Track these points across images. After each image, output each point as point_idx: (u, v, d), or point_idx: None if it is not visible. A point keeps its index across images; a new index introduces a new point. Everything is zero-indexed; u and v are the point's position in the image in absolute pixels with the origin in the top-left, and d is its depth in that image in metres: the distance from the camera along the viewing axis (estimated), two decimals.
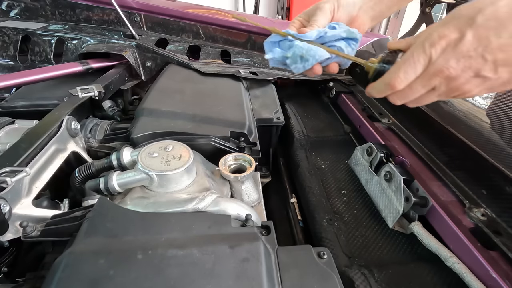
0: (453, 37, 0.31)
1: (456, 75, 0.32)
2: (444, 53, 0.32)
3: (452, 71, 0.32)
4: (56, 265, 0.35)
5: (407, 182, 0.54)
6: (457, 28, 0.31)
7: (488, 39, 0.30)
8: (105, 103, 0.84)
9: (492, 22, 0.30)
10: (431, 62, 0.33)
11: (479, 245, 0.43)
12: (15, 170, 0.45)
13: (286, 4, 3.61)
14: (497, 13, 0.30)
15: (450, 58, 0.31)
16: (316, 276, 0.38)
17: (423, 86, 0.35)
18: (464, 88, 0.33)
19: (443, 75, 0.32)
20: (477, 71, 0.31)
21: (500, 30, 0.29)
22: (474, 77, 0.32)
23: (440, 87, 0.34)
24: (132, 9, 1.14)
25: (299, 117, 0.91)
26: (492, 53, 0.30)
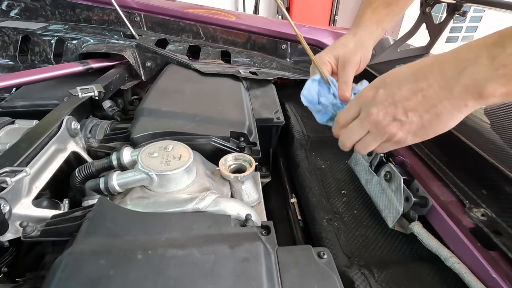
0: (371, 94, 0.42)
1: (378, 119, 0.41)
2: (368, 104, 0.42)
3: (375, 116, 0.41)
4: (56, 265, 0.35)
5: (407, 182, 0.54)
6: (375, 87, 0.42)
7: (393, 91, 0.40)
8: (105, 103, 0.84)
9: (395, 80, 0.40)
10: (361, 110, 0.44)
11: (479, 245, 0.43)
12: (15, 170, 0.45)
13: (286, 4, 3.61)
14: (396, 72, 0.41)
15: (372, 107, 0.42)
16: (316, 276, 0.38)
17: (359, 127, 0.44)
18: (390, 131, 0.41)
19: (370, 120, 0.42)
20: (393, 115, 0.40)
21: (400, 85, 0.40)
22: (393, 121, 0.40)
23: (373, 130, 0.43)
24: (132, 9, 1.14)
25: (299, 117, 0.92)
26: (400, 101, 0.39)
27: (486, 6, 0.77)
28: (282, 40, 1.16)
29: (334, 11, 3.58)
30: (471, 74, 0.33)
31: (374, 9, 0.60)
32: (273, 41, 1.16)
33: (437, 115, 0.37)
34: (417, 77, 0.38)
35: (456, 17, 0.87)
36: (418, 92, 0.38)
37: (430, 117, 0.38)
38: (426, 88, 0.37)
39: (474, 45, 0.34)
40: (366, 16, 0.60)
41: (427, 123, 0.39)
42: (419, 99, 0.38)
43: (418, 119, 0.39)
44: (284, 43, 1.16)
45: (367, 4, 0.61)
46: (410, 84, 0.39)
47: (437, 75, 0.36)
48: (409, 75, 0.39)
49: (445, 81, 0.36)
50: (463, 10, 0.86)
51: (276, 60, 1.14)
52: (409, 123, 0.39)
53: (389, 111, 0.40)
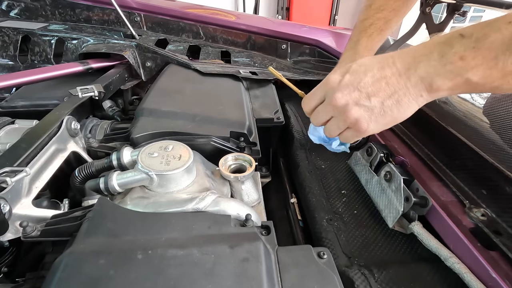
0: (337, 79, 0.44)
1: (341, 103, 0.42)
2: (332, 89, 0.44)
3: (338, 100, 0.42)
4: (56, 265, 0.35)
5: (407, 182, 0.54)
6: (341, 73, 0.44)
7: (359, 77, 0.41)
8: (105, 103, 0.84)
9: (362, 67, 0.42)
10: (326, 95, 0.46)
11: (479, 245, 0.43)
12: (15, 170, 0.45)
13: (286, 4, 3.61)
14: (363, 62, 0.43)
15: (336, 91, 0.43)
16: (316, 276, 0.38)
17: (324, 111, 0.46)
18: (352, 116, 0.42)
19: (333, 103, 0.43)
20: (356, 100, 0.41)
21: (366, 72, 0.41)
22: (356, 105, 0.42)
23: (337, 115, 0.44)
24: (132, 9, 1.14)
25: (299, 117, 0.91)
26: (363, 87, 0.41)
27: (486, 6, 0.77)
28: (282, 40, 1.16)
29: (334, 11, 3.59)
30: (424, 68, 0.37)
31: (369, 36, 0.64)
32: (273, 41, 1.16)
33: (397, 102, 0.40)
34: (383, 65, 0.41)
35: (456, 17, 0.87)
36: (382, 79, 0.40)
37: (391, 103, 0.40)
38: (389, 76, 0.40)
39: (430, 42, 0.38)
40: (362, 43, 0.64)
41: (388, 109, 0.41)
42: (383, 85, 0.40)
43: (380, 105, 0.41)
44: (284, 43, 1.16)
45: (362, 29, 0.65)
46: (376, 71, 0.41)
47: (399, 65, 0.39)
48: (375, 63, 0.41)
49: (404, 70, 0.39)
50: (463, 10, 0.86)
51: (276, 60, 1.14)
52: (371, 108, 0.41)
53: (353, 95, 0.42)
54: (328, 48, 1.12)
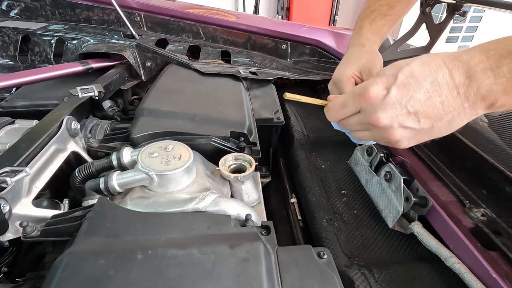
0: (380, 93, 0.37)
1: (384, 125, 0.37)
2: (373, 106, 0.37)
3: (381, 121, 0.37)
4: (56, 265, 0.35)
5: (407, 182, 0.54)
6: (384, 84, 0.37)
7: (409, 94, 0.35)
8: (105, 103, 0.84)
9: (412, 80, 0.35)
10: (363, 110, 0.39)
11: (479, 245, 0.43)
12: (15, 170, 0.45)
13: (286, 4, 3.61)
14: (413, 72, 0.35)
15: (379, 110, 0.37)
16: (316, 276, 0.38)
17: (358, 125, 0.41)
18: (394, 137, 0.38)
19: (373, 124, 0.38)
20: (402, 122, 0.36)
21: (417, 87, 0.35)
22: (400, 127, 0.37)
23: (373, 132, 0.40)
24: (132, 9, 1.14)
25: (299, 117, 0.91)
26: (413, 106, 0.35)
27: (486, 6, 0.77)
28: (282, 40, 1.16)
29: (334, 11, 3.58)
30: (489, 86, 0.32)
31: (372, 20, 0.62)
32: (273, 41, 1.16)
33: (449, 123, 0.35)
34: (436, 78, 0.34)
35: (456, 17, 0.87)
36: (436, 97, 0.34)
37: (441, 124, 0.35)
38: (445, 93, 0.34)
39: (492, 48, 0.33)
40: (365, 28, 0.62)
41: (436, 130, 0.36)
42: (437, 104, 0.34)
43: (429, 126, 0.36)
44: (284, 43, 1.16)
45: (364, 16, 0.63)
46: (429, 86, 0.34)
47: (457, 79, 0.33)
48: (428, 74, 0.35)
49: (464, 88, 0.33)
50: (463, 10, 0.86)
51: (276, 60, 1.14)
52: (419, 130, 0.36)
53: (400, 117, 0.36)
54: (328, 48, 1.12)
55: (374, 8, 0.63)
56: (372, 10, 0.63)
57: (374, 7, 0.63)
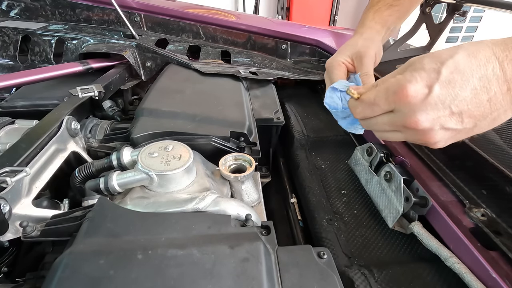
0: (420, 92, 0.32)
1: (423, 128, 0.33)
2: (412, 106, 0.33)
3: (420, 124, 0.33)
4: (56, 265, 0.35)
5: (407, 182, 0.54)
6: (425, 82, 0.32)
7: (454, 92, 0.31)
8: (105, 103, 0.84)
9: (458, 76, 0.31)
10: (398, 109, 0.34)
11: (479, 245, 0.43)
12: (15, 170, 0.45)
13: (286, 4, 3.61)
14: (458, 66, 0.31)
15: (418, 111, 0.32)
16: (316, 276, 0.38)
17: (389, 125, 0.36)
18: (433, 140, 0.34)
19: (410, 126, 0.34)
20: (444, 123, 0.33)
21: (464, 84, 0.31)
22: (441, 129, 0.33)
23: (408, 134, 0.36)
24: (132, 9, 1.14)
25: (299, 117, 0.91)
26: (458, 106, 0.31)
27: (486, 6, 0.77)
28: (282, 40, 1.16)
29: (334, 11, 3.58)
30: None
31: (376, 10, 0.60)
32: (273, 41, 1.16)
33: (493, 120, 0.32)
34: (486, 73, 0.30)
35: (456, 17, 0.87)
36: (484, 93, 0.30)
37: (485, 123, 0.32)
38: (494, 91, 0.30)
39: None
40: (369, 17, 0.60)
41: (477, 129, 0.33)
42: (484, 103, 0.31)
43: (472, 126, 0.32)
44: (284, 43, 1.16)
45: (369, 7, 0.62)
46: (476, 82, 0.30)
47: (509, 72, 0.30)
48: (475, 67, 0.31)
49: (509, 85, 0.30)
50: (463, 10, 0.86)
51: (276, 60, 1.14)
52: (460, 130, 0.33)
53: (442, 119, 0.32)
54: (328, 48, 1.12)
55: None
56: (377, 1, 0.61)
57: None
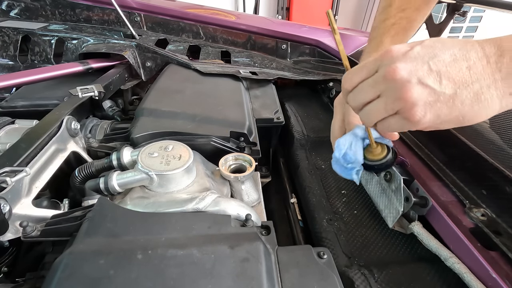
0: (403, 49, 0.34)
1: (401, 76, 0.33)
2: (393, 59, 0.34)
3: (397, 71, 0.33)
4: (56, 265, 0.35)
5: (407, 182, 0.54)
6: (409, 45, 0.35)
7: (434, 52, 0.33)
8: (105, 103, 0.84)
9: (438, 44, 0.33)
10: (380, 66, 0.35)
11: (479, 245, 0.43)
12: (15, 170, 0.45)
13: (286, 4, 3.61)
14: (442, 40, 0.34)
15: (397, 61, 0.33)
16: (316, 276, 0.38)
17: (371, 86, 0.36)
18: (409, 96, 0.33)
19: (388, 76, 0.34)
20: (422, 77, 0.32)
21: (443, 49, 0.33)
22: (419, 84, 0.32)
23: (389, 92, 0.35)
24: (132, 9, 1.14)
25: (299, 117, 0.91)
26: (436, 64, 0.32)
27: (486, 6, 0.77)
28: (282, 40, 1.16)
29: (334, 11, 3.58)
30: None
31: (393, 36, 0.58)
32: (273, 41, 1.16)
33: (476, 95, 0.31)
34: (466, 46, 0.32)
35: (456, 17, 0.88)
36: (463, 60, 0.31)
37: (467, 94, 0.31)
38: (474, 59, 0.31)
39: None
40: (386, 45, 0.58)
41: (459, 102, 0.32)
42: (463, 68, 0.31)
43: (451, 92, 0.32)
44: (284, 43, 1.16)
45: (385, 30, 0.59)
46: (457, 50, 0.32)
47: (487, 49, 0.31)
48: (456, 43, 0.33)
49: (496, 57, 0.31)
50: (463, 10, 0.86)
51: (276, 60, 1.14)
52: (439, 93, 0.32)
53: (419, 70, 0.32)
54: (328, 48, 1.12)
55: (394, 21, 0.58)
56: (392, 23, 0.58)
57: (393, 19, 0.58)
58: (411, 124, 0.34)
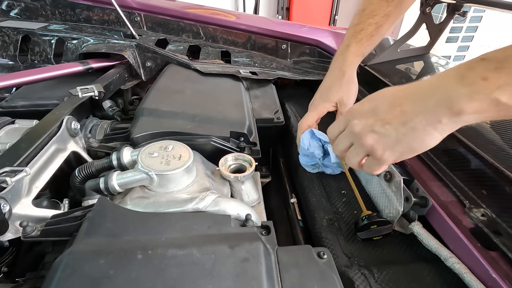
0: (357, 107, 0.45)
1: (358, 130, 0.43)
2: (352, 116, 0.45)
3: (355, 127, 0.43)
4: (56, 265, 0.35)
5: (407, 182, 0.54)
6: (361, 102, 0.45)
7: (375, 104, 0.42)
8: (105, 103, 0.84)
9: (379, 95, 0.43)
10: (347, 123, 0.46)
11: (479, 245, 0.43)
12: (15, 170, 0.45)
13: (286, 4, 3.61)
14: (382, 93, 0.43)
15: (354, 118, 0.44)
16: (316, 276, 0.38)
17: (344, 138, 0.46)
18: (367, 142, 0.42)
19: (351, 130, 0.44)
20: (371, 127, 0.42)
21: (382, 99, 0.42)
22: (371, 132, 0.42)
23: (354, 141, 0.45)
24: (132, 9, 1.14)
25: (299, 117, 0.91)
26: (379, 113, 0.41)
27: (486, 6, 0.76)
28: (282, 40, 1.16)
29: (334, 11, 3.58)
30: (443, 90, 0.35)
31: (359, 41, 0.65)
32: (273, 41, 1.16)
33: (412, 129, 0.38)
34: (398, 94, 0.41)
35: (456, 17, 0.87)
36: (396, 106, 0.40)
37: (405, 130, 0.39)
38: (403, 102, 0.39)
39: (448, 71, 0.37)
40: (351, 49, 0.65)
41: (402, 137, 0.39)
42: (397, 112, 0.39)
43: (394, 132, 0.40)
44: (284, 43, 1.16)
45: (353, 34, 0.66)
46: (392, 99, 0.41)
47: (414, 91, 0.39)
48: (393, 92, 0.42)
49: (421, 96, 0.38)
50: (463, 10, 0.86)
51: (276, 60, 1.14)
52: (386, 135, 0.40)
53: (368, 122, 0.42)
54: (328, 48, 1.12)
55: (363, 27, 0.65)
56: (361, 28, 0.65)
57: (363, 25, 0.65)
58: (379, 161, 0.43)
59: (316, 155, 0.65)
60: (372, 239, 0.51)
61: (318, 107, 0.68)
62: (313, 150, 0.64)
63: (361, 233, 0.51)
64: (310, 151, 0.64)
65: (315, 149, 0.65)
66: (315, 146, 0.65)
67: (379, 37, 0.67)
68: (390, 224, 0.51)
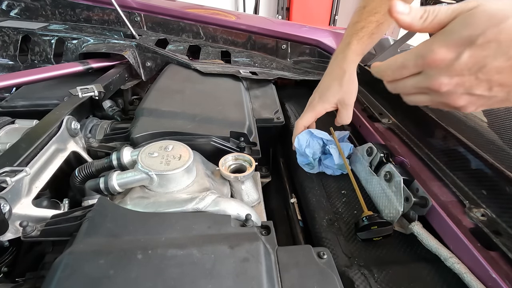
0: (449, 56, 0.31)
1: (448, 90, 0.33)
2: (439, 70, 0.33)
3: (443, 86, 0.33)
4: (56, 265, 0.35)
5: (407, 182, 0.54)
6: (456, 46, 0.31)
7: (484, 61, 0.30)
8: (105, 103, 0.84)
9: (493, 44, 0.29)
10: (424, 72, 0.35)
11: (479, 245, 0.43)
12: (15, 170, 0.45)
13: (286, 4, 3.61)
14: (499, 36, 0.29)
15: (442, 75, 0.33)
16: (316, 276, 0.38)
17: (415, 88, 0.37)
18: (457, 104, 0.34)
19: (434, 88, 0.34)
20: (470, 89, 0.32)
21: (498, 53, 0.29)
22: (466, 94, 0.33)
23: (433, 96, 0.36)
24: (132, 9, 1.14)
25: (299, 117, 0.91)
26: (486, 73, 0.31)
27: None
28: (282, 40, 1.16)
29: (334, 11, 3.59)
30: None
31: (359, 39, 0.64)
32: (273, 41, 1.16)
33: None
34: None
35: None
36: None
37: None
38: None
39: None
40: (352, 47, 0.64)
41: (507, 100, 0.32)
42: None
43: (504, 95, 0.32)
44: (284, 43, 1.16)
45: (353, 32, 0.64)
46: None
47: None
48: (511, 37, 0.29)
49: None
50: None
51: (276, 60, 1.14)
52: (489, 97, 0.32)
53: (466, 83, 0.32)
54: (328, 48, 1.12)
55: (364, 24, 0.63)
56: (361, 26, 0.64)
57: (364, 23, 0.63)
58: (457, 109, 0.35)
59: (309, 154, 0.64)
60: (372, 239, 0.51)
61: (316, 107, 0.67)
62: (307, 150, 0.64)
63: (361, 234, 0.51)
64: (302, 150, 0.65)
65: (315, 149, 0.65)
66: (315, 146, 0.65)
67: (379, 35, 0.65)
68: (391, 225, 0.51)
